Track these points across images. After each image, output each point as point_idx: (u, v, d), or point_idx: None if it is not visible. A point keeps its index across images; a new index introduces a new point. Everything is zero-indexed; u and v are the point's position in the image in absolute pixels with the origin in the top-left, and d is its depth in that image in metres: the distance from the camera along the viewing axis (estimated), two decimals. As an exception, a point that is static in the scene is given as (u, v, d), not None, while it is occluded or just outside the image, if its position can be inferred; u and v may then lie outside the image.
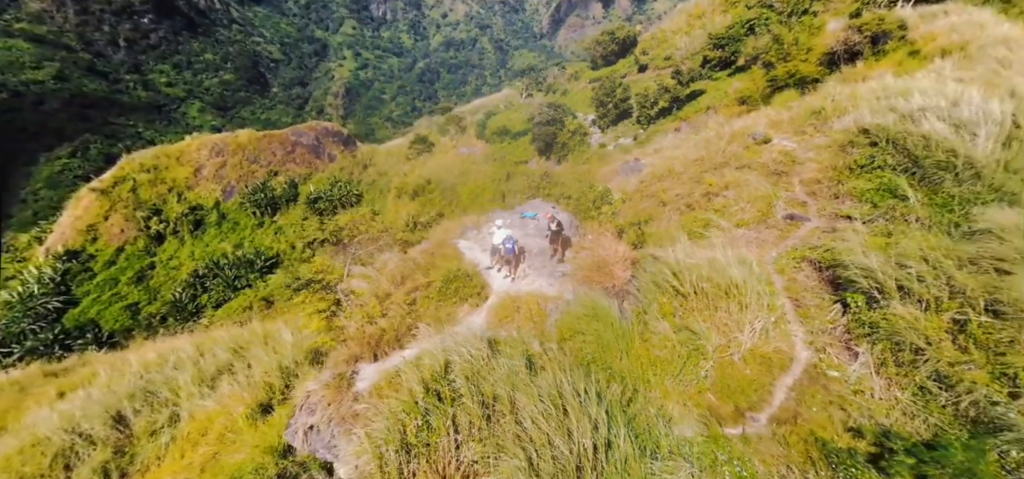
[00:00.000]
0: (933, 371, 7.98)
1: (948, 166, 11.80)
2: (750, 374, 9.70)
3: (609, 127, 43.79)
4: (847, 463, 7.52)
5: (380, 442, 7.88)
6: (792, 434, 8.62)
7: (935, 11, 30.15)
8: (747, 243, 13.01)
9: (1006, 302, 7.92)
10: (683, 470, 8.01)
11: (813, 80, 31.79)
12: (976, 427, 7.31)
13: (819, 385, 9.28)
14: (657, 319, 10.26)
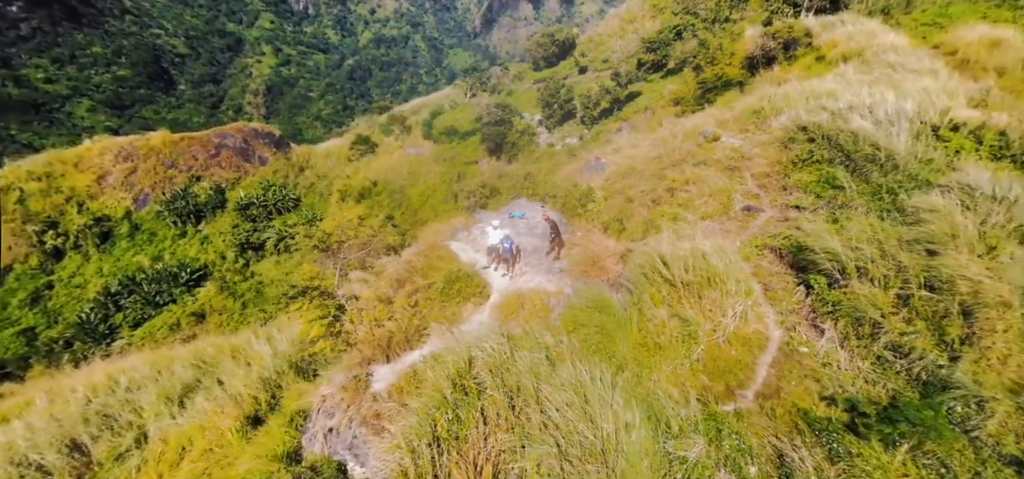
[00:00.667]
0: (888, 342, 9.32)
1: (874, 158, 13.78)
2: (735, 355, 10.64)
3: (556, 127, 44.99)
4: (828, 430, 8.55)
5: (412, 437, 7.93)
6: (777, 407, 9.62)
7: (833, 21, 34.34)
8: (712, 234, 14.18)
9: (940, 278, 9.47)
10: (696, 445, 8.67)
11: (738, 82, 34.97)
12: (926, 388, 8.67)
13: (794, 361, 10.41)
14: (651, 308, 10.95)
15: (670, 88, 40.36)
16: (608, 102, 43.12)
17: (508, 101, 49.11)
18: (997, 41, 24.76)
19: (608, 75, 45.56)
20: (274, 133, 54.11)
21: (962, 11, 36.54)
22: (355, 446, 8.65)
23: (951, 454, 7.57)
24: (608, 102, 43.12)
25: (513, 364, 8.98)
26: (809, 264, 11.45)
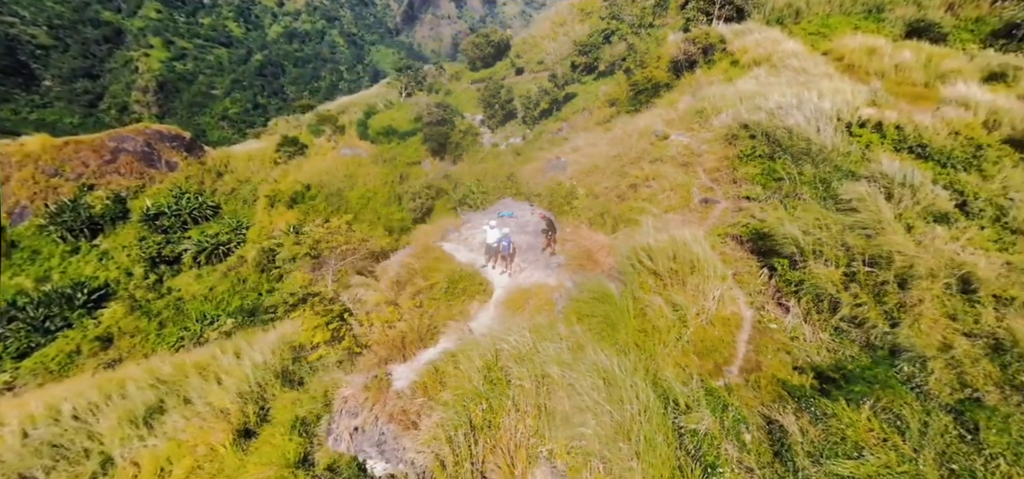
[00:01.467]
0: (844, 315, 10.86)
1: (807, 152, 15.89)
2: (718, 334, 11.75)
3: (498, 127, 45.36)
4: (805, 396, 9.79)
5: (449, 427, 8.22)
6: (760, 379, 10.80)
7: (742, 29, 38.35)
8: (677, 225, 15.41)
9: (879, 255, 11.25)
10: (705, 418, 9.52)
11: (665, 84, 37.86)
12: (877, 353, 10.25)
13: (767, 337, 11.73)
14: (644, 296, 11.73)
15: (604, 90, 42.57)
16: (547, 103, 44.40)
17: (448, 101, 48.54)
18: (873, 49, 29.37)
19: (545, 77, 46.87)
20: (183, 136, 48.46)
21: (839, 23, 42.72)
22: (383, 442, 8.78)
23: (903, 408, 9.06)
24: (547, 103, 44.40)
25: (536, 354, 9.28)
26: (770, 249, 12.95)
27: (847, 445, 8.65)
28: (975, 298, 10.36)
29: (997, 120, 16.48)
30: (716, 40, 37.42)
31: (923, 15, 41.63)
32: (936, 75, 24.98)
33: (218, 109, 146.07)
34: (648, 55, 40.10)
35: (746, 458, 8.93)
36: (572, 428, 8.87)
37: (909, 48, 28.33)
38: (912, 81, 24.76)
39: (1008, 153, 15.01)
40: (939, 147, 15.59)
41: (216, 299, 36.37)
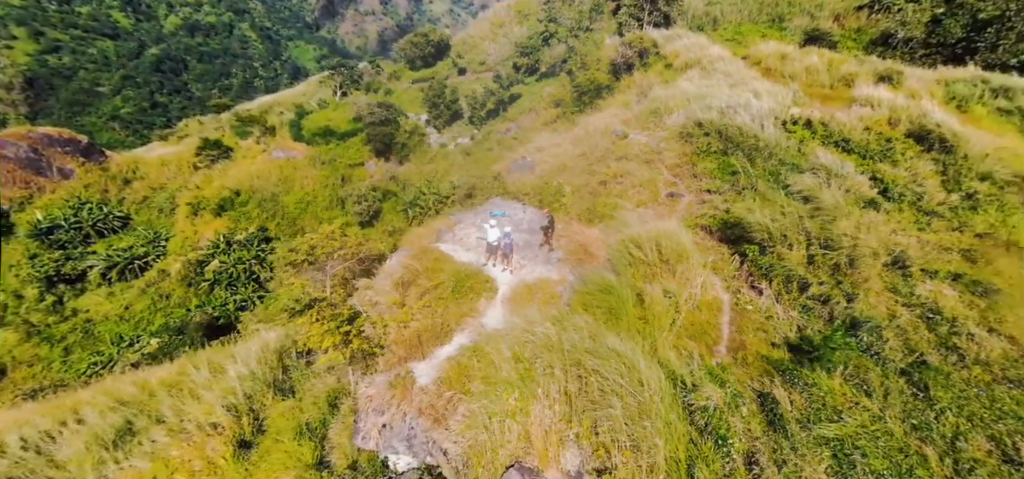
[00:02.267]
0: (811, 294, 12.28)
1: (756, 147, 17.67)
2: (705, 318, 12.75)
3: (445, 127, 44.71)
4: (788, 368, 10.93)
5: (486, 415, 8.61)
6: (747, 357, 11.88)
7: (671, 34, 41.22)
8: (652, 219, 16.42)
9: (832, 239, 12.86)
10: (712, 396, 10.32)
11: (606, 86, 39.71)
12: (838, 326, 11.69)
13: (745, 317, 12.90)
14: (640, 285, 12.42)
15: (548, 91, 43.64)
16: (493, 103, 44.59)
17: (389, 101, 46.91)
18: (784, 54, 33.06)
19: (490, 77, 47.01)
20: (79, 139, 42.14)
21: (749, 30, 47.48)
22: (412, 436, 9.03)
23: (867, 373, 10.46)
24: (493, 103, 44.59)
25: (561, 343, 9.54)
26: (739, 237, 14.26)
27: (828, 410, 9.85)
28: (908, 272, 12.23)
29: (897, 117, 19.44)
30: (649, 44, 39.92)
31: (817, 25, 47.51)
32: (838, 78, 28.74)
33: (106, 108, 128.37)
34: (589, 58, 41.73)
35: (749, 429, 9.84)
36: (599, 410, 9.27)
37: (813, 54, 32.28)
38: (820, 83, 28.25)
39: (911, 146, 17.82)
40: (858, 141, 18.10)
41: (134, 318, 32.26)
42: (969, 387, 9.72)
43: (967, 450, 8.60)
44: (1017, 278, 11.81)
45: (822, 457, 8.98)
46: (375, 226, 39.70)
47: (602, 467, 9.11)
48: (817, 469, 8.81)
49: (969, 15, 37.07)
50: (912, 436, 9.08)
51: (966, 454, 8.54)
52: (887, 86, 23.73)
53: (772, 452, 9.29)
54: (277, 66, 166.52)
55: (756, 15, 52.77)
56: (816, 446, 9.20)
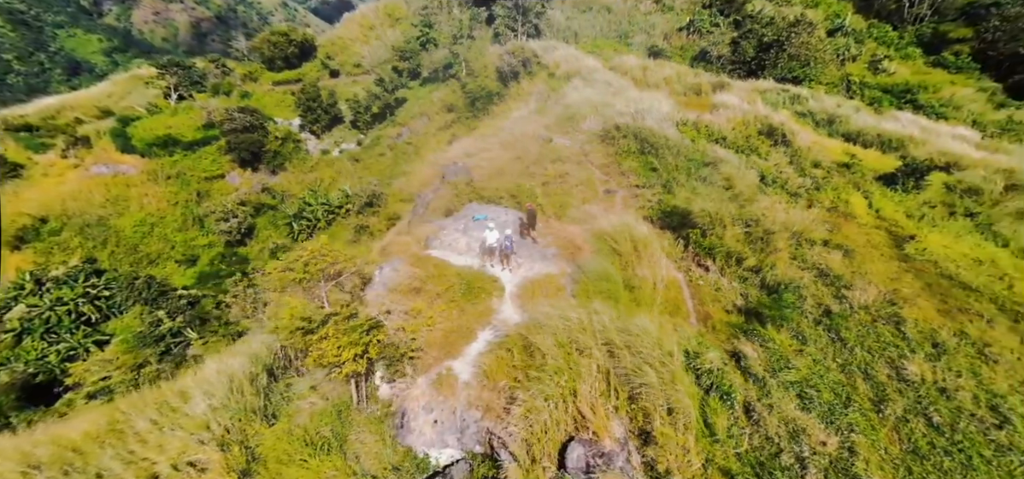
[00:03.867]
0: (747, 266, 14.98)
1: (666, 146, 20.58)
2: (673, 295, 14.62)
3: (324, 133, 40.59)
4: (747, 330, 13.21)
5: (540, 400, 9.21)
6: (714, 323, 13.98)
7: (548, 45, 44.53)
8: (601, 213, 17.94)
9: (752, 219, 15.89)
10: (713, 359, 11.92)
11: (497, 93, 41.07)
12: (771, 292, 14.44)
13: (700, 292, 15.10)
14: (623, 271, 13.63)
15: (438, 96, 43.06)
16: (378, 107, 42.18)
17: (249, 105, 40.59)
18: (645, 67, 38.73)
19: (370, 80, 44.29)
20: None
21: (604, 44, 53.93)
22: (465, 428, 9.58)
23: (800, 326, 13.25)
24: (378, 107, 42.18)
25: (592, 326, 10.24)
26: (680, 223, 16.57)
27: (783, 359, 12.27)
28: (801, 241, 15.83)
29: (747, 120, 24.67)
30: (531, 54, 42.56)
31: (654, 43, 56.59)
32: (688, 87, 34.88)
33: None
34: (475, 65, 42.52)
35: (742, 383, 11.70)
36: (634, 383, 10.09)
37: (666, 66, 38.55)
38: (677, 91, 33.91)
39: (764, 141, 22.85)
40: (731, 138, 22.48)
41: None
42: (862, 327, 13.12)
43: (875, 374, 11.73)
44: (861, 240, 16.37)
45: (790, 397, 11.24)
46: (248, 245, 34.09)
47: (643, 430, 10.01)
48: (789, 406, 11.01)
49: (757, 39, 48.28)
50: (841, 371, 11.96)
51: (877, 377, 11.64)
52: (727, 93, 29.70)
53: (758, 399, 11.27)
54: (43, 59, 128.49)
55: (606, 31, 60.38)
56: (783, 389, 11.46)
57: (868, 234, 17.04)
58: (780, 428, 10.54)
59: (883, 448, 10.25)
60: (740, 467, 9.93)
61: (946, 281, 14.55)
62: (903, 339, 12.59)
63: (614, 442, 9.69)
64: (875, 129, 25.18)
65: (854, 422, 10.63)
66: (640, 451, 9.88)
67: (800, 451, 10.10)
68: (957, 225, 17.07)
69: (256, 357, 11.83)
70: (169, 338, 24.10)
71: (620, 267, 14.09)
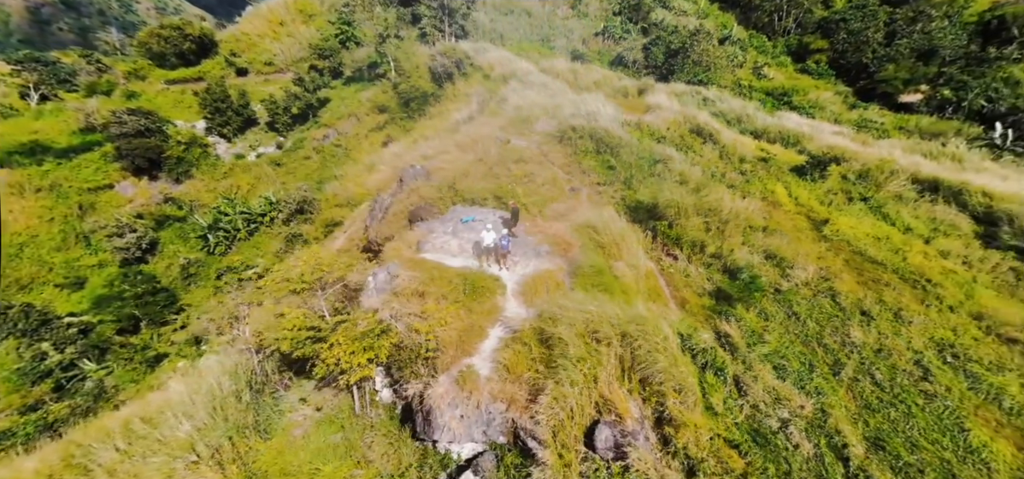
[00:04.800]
0: (710, 252, 16.13)
1: (620, 145, 21.42)
2: (651, 283, 15.32)
3: (236, 135, 36.12)
4: (722, 311, 14.27)
5: (568, 387, 9.71)
6: (692, 307, 14.88)
7: (480, 47, 44.20)
8: (572, 210, 18.19)
9: (710, 209, 17.13)
10: (706, 339, 12.67)
11: (432, 94, 39.74)
12: (732, 276, 15.73)
13: (673, 278, 16.00)
14: (610, 263, 13.99)
15: (367, 96, 40.42)
16: (299, 108, 38.56)
17: (138, 106, 34.71)
18: (576, 70, 40.08)
19: (288, 79, 40.34)
20: None
21: (529, 47, 54.99)
22: (491, 421, 9.93)
23: (764, 305, 14.61)
24: (299, 108, 38.56)
25: (606, 316, 10.74)
26: (647, 216, 17.35)
27: (756, 336, 13.46)
28: (746, 228, 17.45)
29: (679, 120, 26.62)
30: (463, 55, 41.84)
31: (575, 47, 58.89)
32: (616, 89, 36.74)
33: None
34: (407, 65, 40.75)
35: (730, 360, 12.58)
36: (647, 367, 10.51)
37: (595, 70, 40.25)
38: (609, 93, 35.56)
39: (696, 139, 24.83)
40: (669, 137, 24.12)
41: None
42: (807, 301, 14.82)
43: (827, 342, 13.34)
44: (789, 225, 18.55)
45: (767, 368, 12.36)
46: (152, 262, 29.18)
47: (657, 410, 10.42)
48: (768, 377, 12.11)
49: (665, 46, 52.41)
50: (802, 342, 13.41)
51: (829, 344, 13.25)
52: (656, 95, 31.80)
53: (742, 372, 12.23)
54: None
55: (529, 34, 61.53)
56: (760, 362, 12.58)
57: (793, 219, 19.34)
58: (765, 396, 11.54)
59: (844, 406, 11.68)
60: (741, 436, 10.71)
61: (858, 257, 17.01)
62: (840, 309, 14.47)
63: (635, 422, 10.07)
64: (777, 127, 28.65)
65: (819, 386, 11.98)
66: (654, 430, 10.33)
67: (783, 415, 11.14)
68: (856, 208, 20.04)
69: (235, 373, 11.23)
70: (59, 372, 19.95)
71: (605, 259, 14.42)
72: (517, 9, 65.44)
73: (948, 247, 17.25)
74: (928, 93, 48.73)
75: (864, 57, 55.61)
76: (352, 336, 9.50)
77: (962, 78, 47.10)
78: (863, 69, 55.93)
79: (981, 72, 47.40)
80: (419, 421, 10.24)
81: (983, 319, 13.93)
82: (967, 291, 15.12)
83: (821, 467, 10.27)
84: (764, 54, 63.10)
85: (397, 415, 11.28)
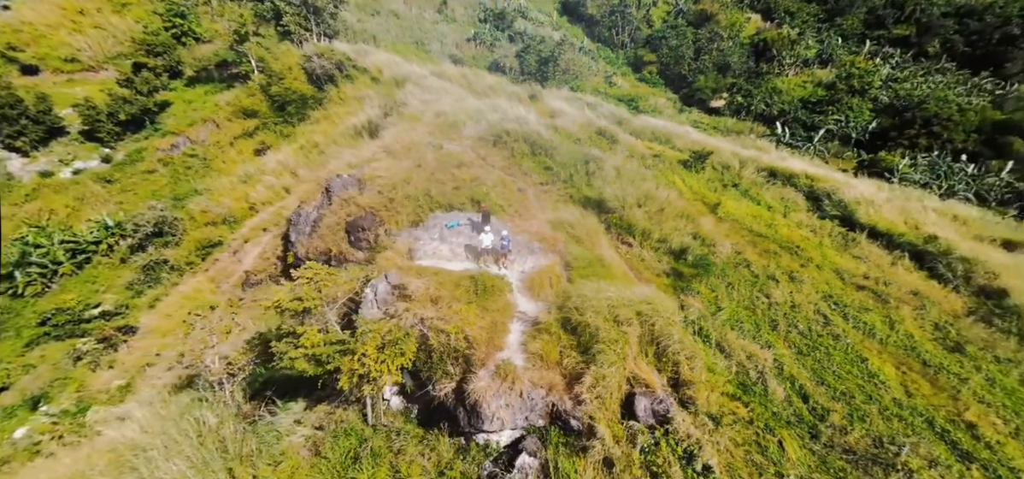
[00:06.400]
0: (656, 237, 17.74)
1: (551, 146, 21.98)
2: (622, 268, 16.24)
3: (36, 149, 26.43)
4: (683, 286, 15.92)
5: (604, 367, 10.48)
6: (661, 285, 16.17)
7: (362, 49, 40.52)
8: (523, 208, 18.07)
9: (648, 197, 18.78)
10: (696, 308, 13.91)
11: (313, 97, 34.84)
12: (677, 257, 17.60)
13: (632, 263, 17.14)
14: (592, 251, 14.55)
15: (226, 99, 33.25)
16: (130, 113, 29.95)
17: None
18: (465, 74, 39.71)
19: (109, 79, 31.07)
20: None
21: (406, 49, 52.62)
22: (533, 406, 10.54)
23: (708, 279, 16.69)
24: (130, 113, 29.95)
25: (623, 299, 11.82)
26: (596, 210, 18.23)
27: (714, 305, 15.39)
28: (679, 214, 19.71)
29: (583, 124, 28.60)
30: (343, 57, 37.62)
31: (453, 52, 58.31)
32: (510, 94, 37.59)
33: None
34: (276, 66, 34.97)
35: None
36: (662, 341, 11.41)
37: (485, 75, 40.43)
38: (506, 97, 36.18)
39: (602, 140, 26.99)
40: (583, 139, 25.71)
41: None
42: (734, 272, 17.47)
43: (759, 304, 15.98)
44: (694, 211, 21.60)
45: (730, 331, 14.27)
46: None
47: (672, 377, 11.33)
48: (732, 335, 14.01)
49: (537, 54, 55.48)
50: (746, 308, 15.78)
51: (760, 306, 15.90)
52: (550, 100, 33.59)
53: (720, 337, 13.91)
54: None
55: (401, 36, 58.72)
56: (723, 326, 14.45)
57: (694, 205, 22.55)
58: (740, 354, 13.32)
59: (786, 354, 14.19)
60: (734, 390, 12.18)
61: (749, 232, 20.69)
62: (755, 276, 17.45)
63: (662, 390, 10.83)
64: (650, 128, 32.94)
65: (770, 340, 14.31)
66: (672, 394, 11.16)
67: (759, 368, 13.01)
68: (732, 193, 24.32)
69: (216, 405, 10.91)
70: None
71: (588, 250, 14.86)
72: (383, 10, 61.89)
73: (799, 220, 22.16)
74: (728, 100, 61.30)
75: (682, 69, 67.05)
76: (377, 344, 9.62)
77: (748, 87, 60.39)
78: (683, 79, 67.33)
79: (759, 83, 61.27)
80: (461, 415, 10.60)
81: (840, 273, 18.32)
82: (822, 253, 19.68)
83: (792, 405, 12.32)
84: (611, 64, 71.59)
85: (413, 419, 11.43)
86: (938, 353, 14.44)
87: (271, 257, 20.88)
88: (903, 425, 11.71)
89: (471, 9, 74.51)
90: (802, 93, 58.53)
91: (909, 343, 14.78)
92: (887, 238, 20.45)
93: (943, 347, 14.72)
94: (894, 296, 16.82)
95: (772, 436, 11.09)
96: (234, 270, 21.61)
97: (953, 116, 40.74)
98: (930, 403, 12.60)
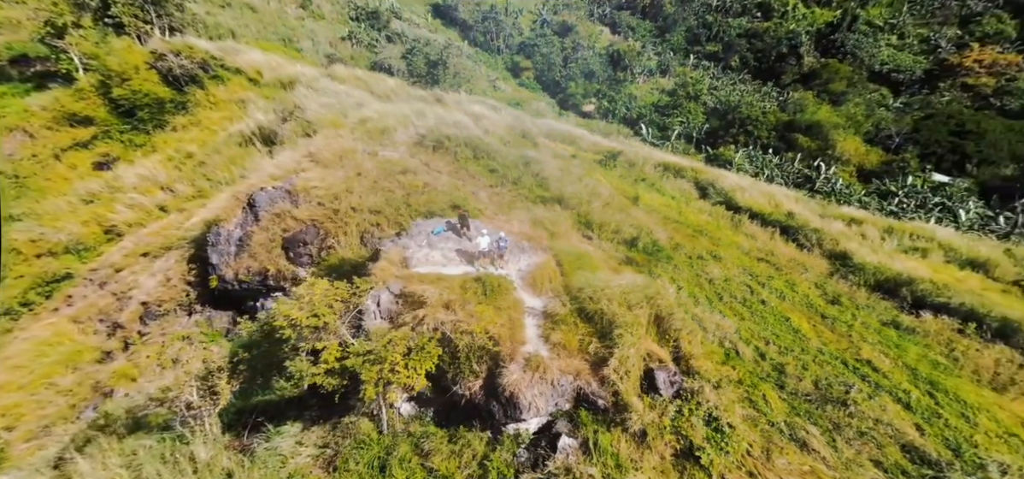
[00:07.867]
0: (612, 229, 18.89)
1: (491, 149, 21.52)
2: (601, 259, 16.99)
3: None
4: (648, 272, 17.29)
5: (627, 350, 11.34)
6: (624, 272, 17.26)
7: (230, 47, 34.22)
8: (498, 208, 17.59)
9: (592, 194, 19.81)
10: (671, 289, 15.22)
11: (173, 101, 27.69)
12: (630, 246, 18.98)
13: (607, 254, 17.97)
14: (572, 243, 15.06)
15: (39, 103, 24.08)
16: None
17: None
18: (359, 76, 36.40)
19: None
20: None
21: (272, 47, 45.82)
22: (562, 391, 11.11)
23: (666, 261, 18.45)
24: None
25: (630, 286, 12.85)
26: (556, 207, 18.65)
27: (676, 285, 17.16)
28: (618, 208, 21.28)
29: (508, 127, 28.78)
30: (207, 56, 30.73)
31: (330, 52, 52.58)
32: (413, 96, 35.74)
33: None
34: (114, 64, 26.89)
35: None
36: (670, 317, 12.45)
37: (387, 79, 37.56)
38: (413, 99, 34.21)
39: (526, 142, 27.56)
40: (511, 142, 25.91)
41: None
42: (674, 255, 19.69)
43: (702, 281, 18.34)
44: (621, 203, 23.53)
45: (694, 306, 16.17)
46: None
47: (673, 351, 12.47)
48: (698, 310, 15.93)
49: (424, 56, 53.69)
50: (696, 285, 17.93)
51: (703, 283, 18.27)
52: (469, 104, 33.03)
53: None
54: None
55: (264, 32, 50.73)
56: (688, 303, 16.29)
57: (618, 199, 24.72)
58: (710, 325, 15.19)
59: (736, 321, 16.67)
60: (721, 356, 13.89)
61: (667, 220, 23.57)
62: (689, 258, 20.00)
63: (673, 364, 11.99)
64: (557, 131, 34.88)
65: (722, 311, 16.62)
66: None
67: (726, 336, 15.01)
68: (643, 186, 27.32)
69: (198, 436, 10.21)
70: None
71: (570, 245, 15.17)
72: (236, 3, 52.58)
73: (697, 207, 26.02)
74: (597, 104, 67.96)
75: (555, 75, 71.98)
76: (403, 350, 9.99)
77: (611, 94, 67.79)
78: (557, 85, 72.30)
79: (619, 89, 69.13)
80: (496, 409, 10.97)
81: (742, 249, 22.13)
82: (723, 233, 23.49)
83: (759, 364, 14.59)
84: (492, 69, 72.99)
85: (429, 421, 11.60)
86: (825, 306, 18.52)
87: (177, 284, 16.63)
88: (831, 368, 14.78)
89: (339, 6, 68.18)
90: (652, 99, 68.37)
91: (807, 300, 18.61)
92: (761, 217, 25.40)
93: (827, 302, 18.96)
94: (783, 264, 21.03)
95: (757, 391, 12.98)
96: (111, 304, 16.58)
97: (759, 118, 52.20)
98: (838, 347, 16.18)
